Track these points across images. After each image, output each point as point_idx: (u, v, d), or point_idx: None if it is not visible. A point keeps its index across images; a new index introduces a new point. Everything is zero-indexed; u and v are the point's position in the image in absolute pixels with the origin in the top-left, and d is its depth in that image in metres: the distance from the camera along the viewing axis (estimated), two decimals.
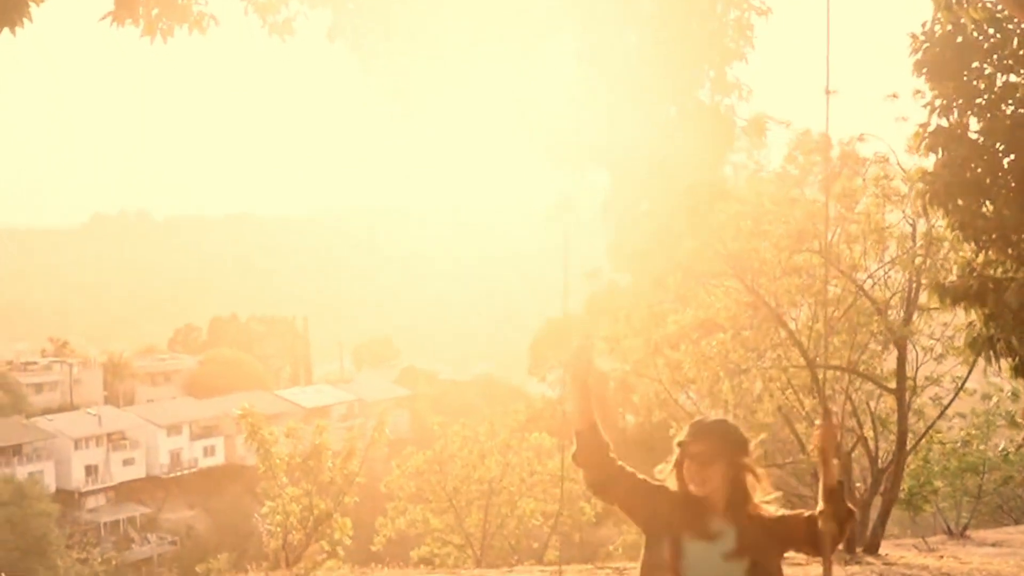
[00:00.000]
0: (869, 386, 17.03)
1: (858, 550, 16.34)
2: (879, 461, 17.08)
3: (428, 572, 15.11)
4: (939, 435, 21.20)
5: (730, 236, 15.80)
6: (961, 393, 18.23)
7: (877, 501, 17.22)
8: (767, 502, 5.73)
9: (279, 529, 18.46)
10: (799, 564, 15.03)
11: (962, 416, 23.35)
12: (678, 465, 5.70)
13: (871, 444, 17.19)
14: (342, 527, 19.27)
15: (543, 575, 13.64)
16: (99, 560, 68.27)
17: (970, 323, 12.38)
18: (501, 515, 30.38)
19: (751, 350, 16.41)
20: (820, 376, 16.03)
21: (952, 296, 11.97)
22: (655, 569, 5.64)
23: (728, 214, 15.58)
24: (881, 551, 16.52)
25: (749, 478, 5.69)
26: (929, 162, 11.90)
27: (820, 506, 5.52)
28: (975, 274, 11.72)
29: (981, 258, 11.73)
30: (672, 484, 5.75)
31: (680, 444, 5.68)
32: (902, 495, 17.99)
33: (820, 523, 5.47)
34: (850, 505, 5.61)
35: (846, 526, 5.47)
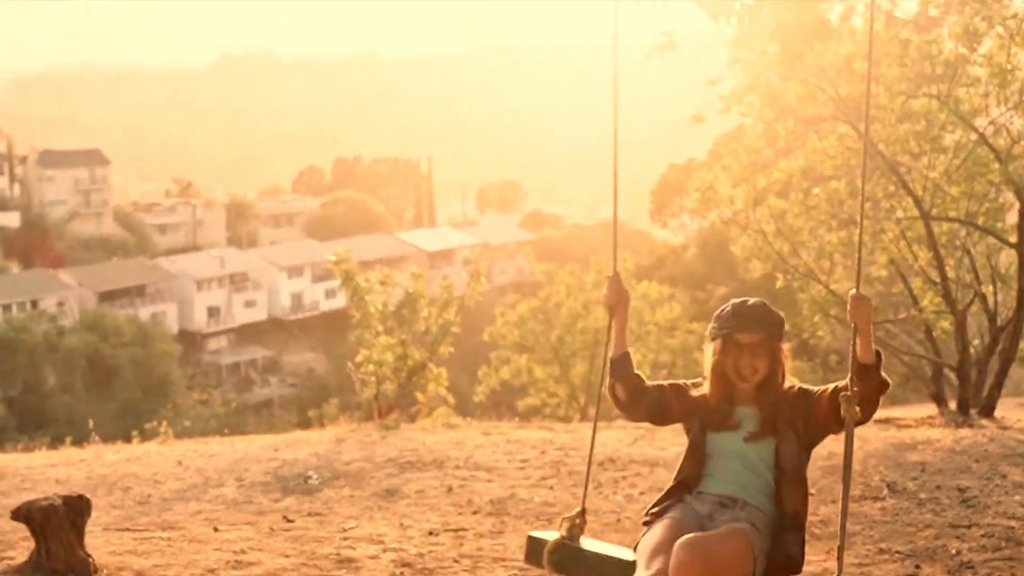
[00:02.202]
0: (989, 240, 16.04)
1: (972, 412, 15.55)
2: (997, 319, 16.13)
3: (516, 427, 14.55)
4: None
5: (841, 79, 14.83)
6: None
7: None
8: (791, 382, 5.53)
9: (372, 379, 18.04)
10: (908, 426, 14.27)
11: None
12: (721, 354, 5.44)
13: (989, 301, 16.22)
14: (437, 378, 18.82)
15: (639, 431, 13.04)
16: (219, 402, 69.21)
17: None
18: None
19: (864, 199, 15.49)
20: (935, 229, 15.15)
21: None
22: (687, 456, 5.61)
23: (838, 55, 14.64)
24: (997, 413, 15.70)
25: (782, 367, 5.49)
26: None
27: (847, 383, 5.15)
28: None
29: None
30: (706, 380, 5.56)
31: (722, 332, 5.44)
32: (1022, 354, 17.08)
33: (842, 407, 5.13)
34: (885, 377, 5.20)
35: (873, 408, 5.19)
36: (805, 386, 5.52)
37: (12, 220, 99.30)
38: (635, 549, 5.42)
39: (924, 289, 16.59)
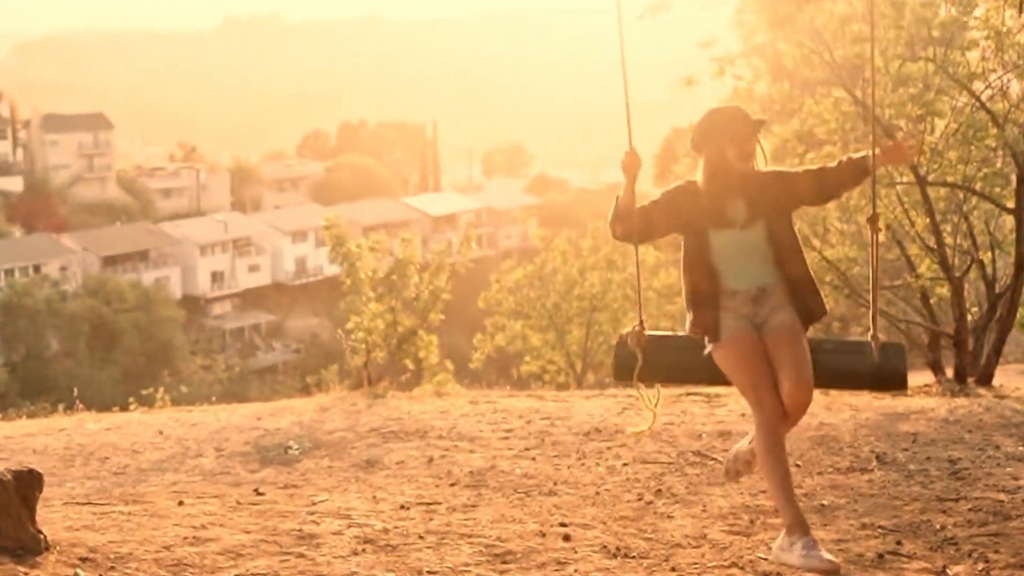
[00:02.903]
0: (987, 205, 15.79)
1: (970, 380, 15.34)
2: (996, 286, 15.90)
3: (506, 395, 14.36)
4: None
5: (837, 42, 14.58)
6: None
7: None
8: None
9: (362, 346, 17.81)
10: (903, 395, 14.09)
11: None
12: (715, 152, 6.33)
13: (988, 268, 15.98)
14: (428, 345, 18.61)
15: (630, 399, 12.86)
16: (223, 367, 69.19)
17: None
18: (604, 333, 29.32)
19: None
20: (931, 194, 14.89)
21: None
22: (692, 263, 6.35)
23: (833, 17, 14.39)
24: (996, 381, 15.49)
25: (761, 151, 6.44)
26: None
27: (822, 167, 6.50)
28: None
29: None
30: (699, 176, 6.41)
31: (716, 131, 6.31)
32: (1021, 320, 16.86)
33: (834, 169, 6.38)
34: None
35: (845, 190, 6.60)
36: (779, 168, 6.58)
37: (15, 184, 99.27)
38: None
39: (921, 256, 16.38)
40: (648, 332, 6.52)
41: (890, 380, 6.50)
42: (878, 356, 6.34)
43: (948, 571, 6.37)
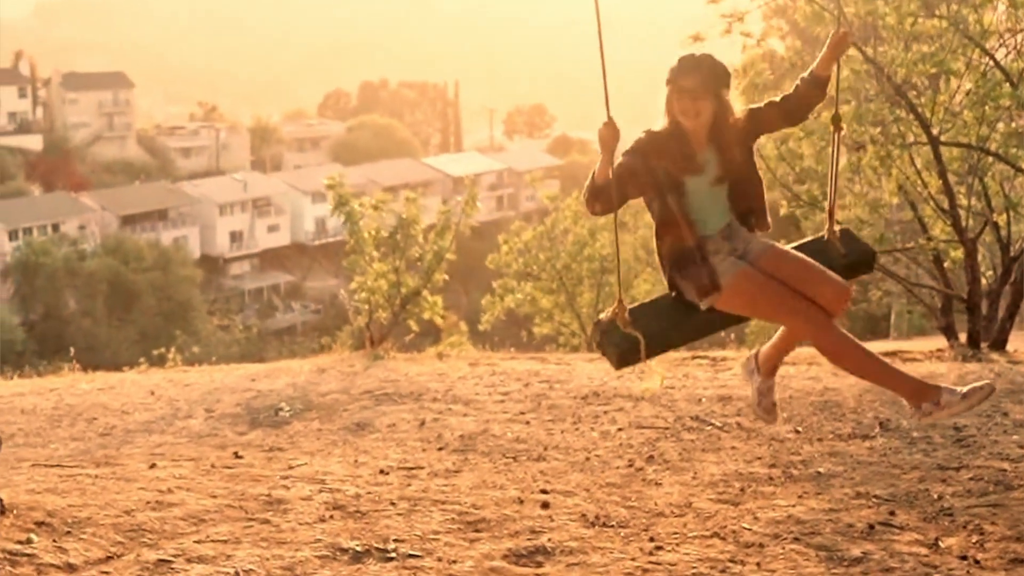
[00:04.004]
0: (1002, 166, 15.43)
1: (983, 345, 15.04)
2: (1011, 249, 15.56)
3: (508, 357, 14.13)
4: None
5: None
6: None
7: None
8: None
9: (365, 307, 17.58)
10: (914, 360, 13.83)
11: None
12: (669, 101, 6.04)
13: (1002, 230, 15.63)
14: (432, 306, 18.35)
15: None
16: (241, 328, 69.05)
17: None
18: (614, 295, 28.79)
19: (872, 124, 14.94)
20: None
21: None
22: (668, 222, 6.10)
23: None
24: (1011, 346, 15.18)
25: (729, 111, 6.08)
26: None
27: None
28: None
29: None
30: (660, 125, 6.11)
31: (670, 81, 6.02)
32: None
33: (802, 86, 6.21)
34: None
35: (805, 107, 6.27)
36: (751, 107, 6.25)
37: (35, 143, 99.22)
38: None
39: (934, 218, 16.04)
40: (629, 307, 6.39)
41: (861, 264, 6.54)
42: (843, 247, 6.42)
43: (940, 543, 6.10)
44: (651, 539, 6.18)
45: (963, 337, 16.03)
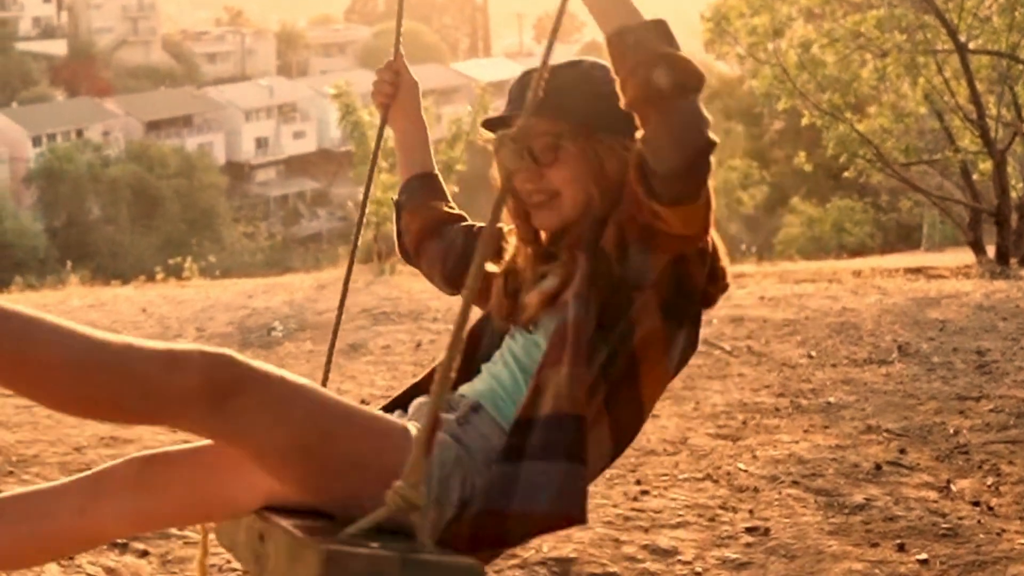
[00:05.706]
0: None
1: (1012, 261, 14.56)
2: None
3: None
4: None
5: None
6: None
7: None
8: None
9: (372, 219, 17.11)
10: (939, 276, 13.37)
11: None
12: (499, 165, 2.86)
13: None
14: None
15: None
16: (265, 235, 68.61)
17: None
18: None
19: (898, 30, 14.40)
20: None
21: None
22: None
23: None
24: None
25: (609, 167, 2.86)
26: None
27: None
28: None
29: None
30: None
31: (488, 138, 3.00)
32: None
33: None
34: (665, 51, 2.62)
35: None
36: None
37: (59, 48, 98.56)
38: None
39: (962, 128, 15.50)
40: None
41: None
42: None
43: (952, 486, 5.63)
44: (637, 482, 5.71)
45: (992, 251, 15.57)
